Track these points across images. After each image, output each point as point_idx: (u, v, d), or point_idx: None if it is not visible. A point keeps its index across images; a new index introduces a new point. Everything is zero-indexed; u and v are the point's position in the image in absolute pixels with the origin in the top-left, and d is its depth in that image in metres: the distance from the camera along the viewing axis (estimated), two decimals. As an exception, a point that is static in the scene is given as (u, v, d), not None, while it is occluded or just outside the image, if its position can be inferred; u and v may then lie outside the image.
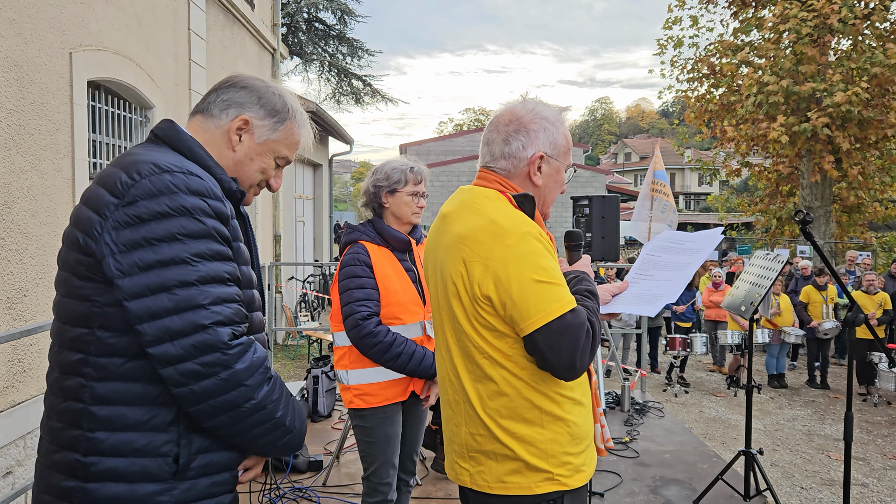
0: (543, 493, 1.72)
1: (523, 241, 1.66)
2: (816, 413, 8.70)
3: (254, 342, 1.44)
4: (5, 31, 4.15)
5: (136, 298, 1.35)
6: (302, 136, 1.70)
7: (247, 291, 1.53)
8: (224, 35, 8.52)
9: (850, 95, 14.23)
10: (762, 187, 19.87)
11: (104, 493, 1.40)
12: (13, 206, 4.23)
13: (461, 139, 29.24)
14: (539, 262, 1.65)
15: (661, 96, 25.40)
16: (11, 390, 4.20)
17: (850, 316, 3.42)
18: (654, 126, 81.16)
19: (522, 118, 1.84)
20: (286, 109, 1.65)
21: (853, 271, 12.61)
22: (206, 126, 1.61)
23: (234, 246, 1.51)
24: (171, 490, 1.42)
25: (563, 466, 1.73)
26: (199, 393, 1.37)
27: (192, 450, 1.44)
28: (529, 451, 1.71)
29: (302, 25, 18.63)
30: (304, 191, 15.32)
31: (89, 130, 5.29)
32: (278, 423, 1.48)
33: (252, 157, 1.63)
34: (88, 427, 1.41)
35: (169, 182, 1.39)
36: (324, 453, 5.16)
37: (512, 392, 1.71)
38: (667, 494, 4.60)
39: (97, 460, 1.40)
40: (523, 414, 1.71)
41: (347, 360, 2.96)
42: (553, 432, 1.72)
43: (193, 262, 1.37)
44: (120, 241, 1.37)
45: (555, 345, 1.61)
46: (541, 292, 1.62)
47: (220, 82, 1.65)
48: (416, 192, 2.97)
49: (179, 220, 1.38)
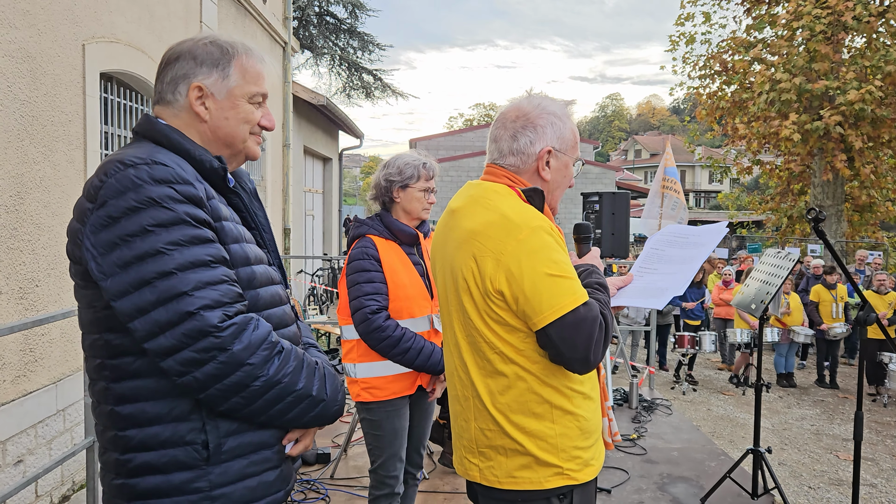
0: (553, 488, 1.73)
1: (535, 236, 1.66)
2: (825, 413, 8.66)
3: (252, 319, 1.42)
4: (19, 22, 4.17)
5: (122, 297, 1.36)
6: (258, 63, 1.62)
7: (243, 269, 1.51)
8: (235, 28, 8.53)
9: (863, 94, 14.11)
10: (773, 185, 19.74)
11: (145, 487, 1.43)
12: (26, 196, 4.26)
13: (471, 134, 29.18)
14: (551, 256, 1.65)
15: (672, 93, 25.33)
16: (23, 380, 4.24)
17: (861, 315, 3.40)
18: (665, 123, 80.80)
19: (529, 114, 1.84)
20: (225, 51, 1.58)
21: (863, 270, 12.53)
22: (171, 113, 1.58)
23: (217, 226, 1.48)
24: (207, 475, 1.44)
25: (572, 461, 1.73)
26: (202, 379, 1.37)
27: (220, 434, 1.45)
28: (539, 446, 1.72)
29: (313, 19, 18.64)
30: (313, 184, 15.34)
31: (101, 122, 5.31)
32: (301, 395, 1.48)
33: (226, 116, 1.58)
34: (119, 426, 1.45)
35: (132, 176, 1.38)
36: (331, 446, 5.18)
37: (522, 387, 1.71)
38: (674, 492, 4.60)
39: (132, 457, 1.44)
40: (533, 409, 1.72)
41: (355, 354, 2.97)
42: (563, 426, 1.72)
43: (169, 251, 1.36)
44: (98, 244, 1.38)
45: (569, 338, 1.62)
46: (553, 286, 1.62)
47: (157, 68, 1.62)
48: (427, 188, 2.96)
49: (149, 212, 1.36)
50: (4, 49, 4.04)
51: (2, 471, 4.03)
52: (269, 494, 1.52)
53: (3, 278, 4.06)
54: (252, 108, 1.61)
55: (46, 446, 4.48)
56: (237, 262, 1.50)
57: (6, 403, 4.07)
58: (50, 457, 4.48)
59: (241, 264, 1.51)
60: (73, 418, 4.78)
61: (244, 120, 1.60)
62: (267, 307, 1.55)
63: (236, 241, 1.52)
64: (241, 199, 1.65)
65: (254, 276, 1.53)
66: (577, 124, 1.98)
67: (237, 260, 1.50)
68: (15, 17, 4.13)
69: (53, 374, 4.56)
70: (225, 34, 1.62)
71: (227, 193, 1.60)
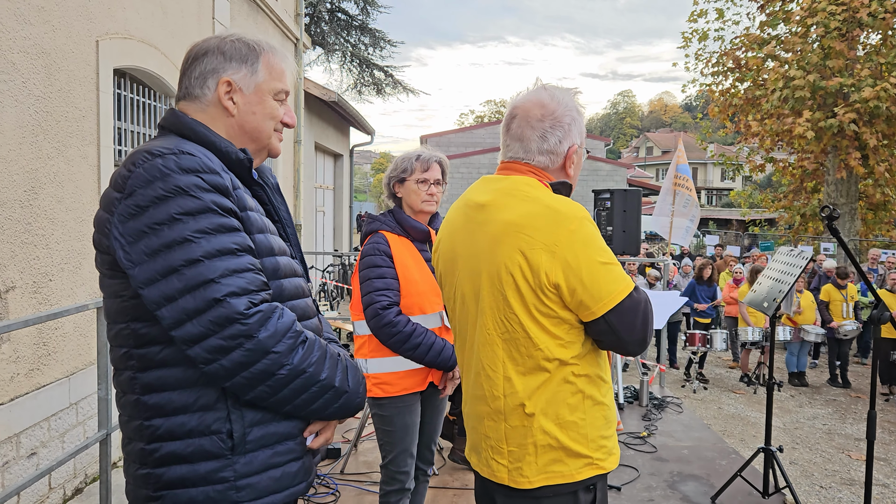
0: (583, 480, 1.74)
1: (584, 226, 1.68)
2: (837, 412, 8.61)
3: (277, 308, 1.43)
4: (34, 18, 4.20)
5: (150, 285, 1.37)
6: (282, 62, 1.64)
7: (268, 259, 1.52)
8: (248, 24, 8.55)
9: (878, 91, 14.00)
10: (786, 183, 19.63)
11: (171, 476, 1.44)
12: (40, 191, 4.29)
13: (482, 131, 29.15)
14: (601, 245, 1.69)
15: (684, 90, 25.17)
16: (36, 373, 4.27)
17: (875, 314, 3.38)
18: (677, 120, 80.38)
19: (555, 112, 1.83)
20: (252, 49, 1.60)
21: (876, 269, 12.44)
22: (197, 108, 1.59)
23: (243, 216, 1.49)
24: (233, 465, 1.45)
25: (600, 450, 1.76)
26: (229, 367, 1.37)
27: (245, 424, 1.46)
28: (571, 437, 1.73)
29: (325, 15, 18.65)
30: (324, 181, 15.37)
31: (115, 118, 5.34)
32: (325, 385, 1.49)
33: (254, 111, 1.60)
34: (145, 416, 1.45)
35: (160, 165, 1.40)
36: (342, 441, 5.20)
37: (559, 379, 1.73)
38: (684, 490, 4.58)
39: (158, 446, 1.44)
40: (567, 399, 1.73)
41: (367, 349, 2.98)
42: (592, 416, 1.75)
43: (196, 239, 1.37)
44: (126, 233, 1.39)
45: (628, 322, 1.68)
46: (608, 274, 1.66)
47: (182, 65, 1.62)
48: (423, 179, 2.95)
49: (176, 201, 1.38)
50: (20, 45, 4.07)
51: (16, 463, 4.07)
52: (292, 485, 1.53)
53: (17, 273, 4.10)
54: (276, 104, 1.63)
55: (59, 439, 4.52)
56: (262, 251, 1.51)
57: (20, 396, 4.11)
58: (63, 449, 4.52)
59: (266, 254, 1.52)
60: (86, 412, 4.82)
61: (270, 115, 1.62)
62: (291, 298, 1.57)
63: (261, 232, 1.53)
64: (265, 192, 1.66)
65: (278, 267, 1.55)
66: (589, 121, 2.01)
67: (262, 250, 1.51)
68: (30, 13, 4.16)
69: (67, 368, 4.59)
70: (248, 34, 1.64)
71: (251, 186, 1.62)
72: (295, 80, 2.27)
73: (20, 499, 4.08)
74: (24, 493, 4.11)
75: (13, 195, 4.05)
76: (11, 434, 4.02)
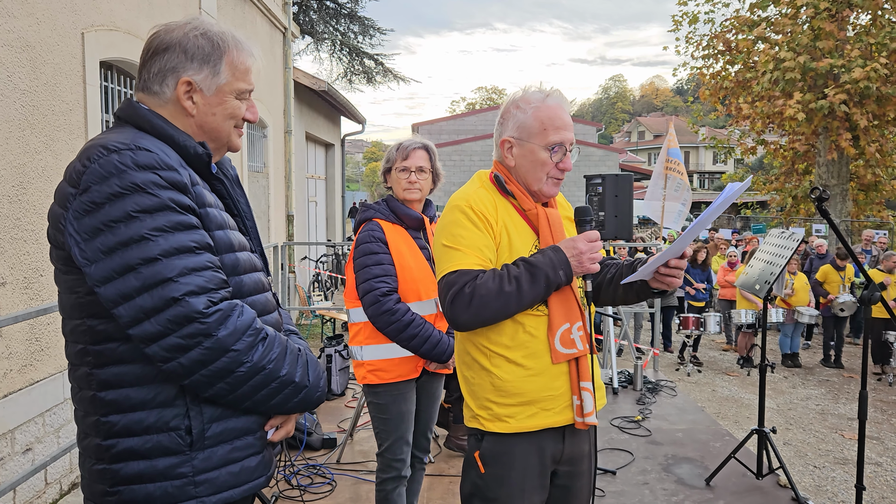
0: (472, 427, 2.05)
1: (450, 213, 1.99)
2: (830, 392, 8.67)
3: (237, 306, 1.42)
4: (17, 11, 4.15)
5: (106, 283, 1.35)
6: (247, 59, 1.58)
7: (227, 256, 1.51)
8: (235, 14, 8.48)
9: (868, 71, 14.00)
10: (777, 165, 19.66)
11: (128, 472, 1.43)
12: (28, 186, 4.26)
13: (473, 118, 29.10)
14: (452, 231, 1.95)
15: (675, 73, 25.08)
16: (30, 368, 4.26)
17: (866, 294, 3.39)
18: (669, 104, 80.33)
19: (501, 109, 2.09)
20: (216, 46, 1.54)
21: (869, 250, 12.50)
22: (155, 103, 1.54)
23: (202, 212, 1.47)
24: (191, 461, 1.44)
25: (483, 409, 2.00)
26: (187, 365, 1.37)
27: (205, 420, 1.45)
28: (465, 389, 2.08)
29: (313, 4, 18.50)
30: (316, 171, 15.32)
31: (102, 110, 5.30)
32: (285, 381, 1.48)
33: (213, 112, 1.56)
34: (101, 412, 1.44)
35: (116, 161, 1.37)
36: (337, 431, 5.21)
37: (461, 338, 2.07)
38: (679, 473, 4.61)
39: (115, 442, 1.43)
40: (463, 358, 2.07)
41: (362, 336, 2.99)
42: (480, 378, 2.01)
43: (153, 237, 1.35)
44: (81, 230, 1.37)
45: (442, 296, 1.93)
46: (444, 255, 1.95)
47: (143, 52, 1.56)
48: (404, 167, 2.99)
49: (133, 198, 1.36)
50: (3, 39, 4.03)
51: (11, 459, 4.06)
52: (251, 480, 1.53)
53: (7, 268, 4.08)
54: (238, 103, 1.59)
55: (54, 434, 4.51)
56: (221, 248, 1.50)
57: (13, 392, 4.10)
58: (58, 445, 4.51)
59: (226, 251, 1.51)
60: (81, 406, 4.81)
61: (230, 115, 1.59)
62: (251, 294, 1.56)
63: (220, 228, 1.52)
64: (224, 186, 1.65)
65: (238, 263, 1.53)
66: (580, 107, 2.06)
67: (221, 246, 1.50)
68: (13, 5, 4.11)
69: (60, 363, 4.58)
70: (214, 23, 1.59)
71: (210, 180, 1.60)
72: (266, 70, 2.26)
73: (16, 494, 4.08)
74: (21, 488, 4.11)
75: (1, 191, 4.02)
76: (6, 430, 4.01)
